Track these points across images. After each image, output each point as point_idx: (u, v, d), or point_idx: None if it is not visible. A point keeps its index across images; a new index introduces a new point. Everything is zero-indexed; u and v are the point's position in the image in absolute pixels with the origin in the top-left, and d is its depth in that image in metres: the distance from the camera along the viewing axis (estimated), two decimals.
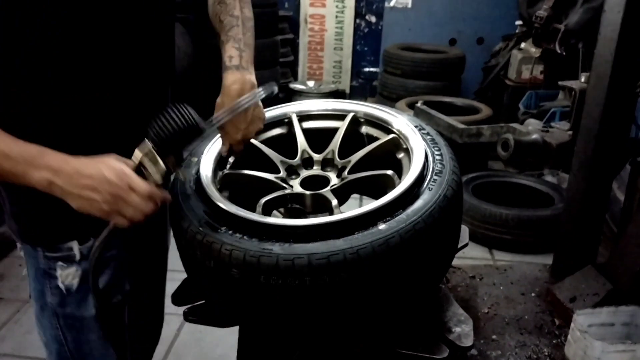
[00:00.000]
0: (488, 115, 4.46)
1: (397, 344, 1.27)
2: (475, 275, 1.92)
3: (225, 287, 1.16)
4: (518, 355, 1.55)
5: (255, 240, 1.10)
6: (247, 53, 1.31)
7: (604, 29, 1.62)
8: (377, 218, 1.11)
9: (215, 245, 1.11)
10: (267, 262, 1.06)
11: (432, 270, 1.28)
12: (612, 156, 1.76)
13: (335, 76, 6.43)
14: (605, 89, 1.65)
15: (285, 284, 1.06)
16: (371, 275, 1.08)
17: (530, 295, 1.82)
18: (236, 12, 1.32)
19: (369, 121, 1.46)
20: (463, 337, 1.32)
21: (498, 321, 1.69)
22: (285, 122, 1.50)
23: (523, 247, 3.52)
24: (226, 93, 1.28)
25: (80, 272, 1.27)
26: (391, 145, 1.38)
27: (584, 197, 1.79)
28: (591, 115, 1.71)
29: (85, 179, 1.02)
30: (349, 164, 1.36)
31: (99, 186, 1.02)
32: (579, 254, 1.85)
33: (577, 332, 1.46)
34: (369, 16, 6.26)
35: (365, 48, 6.37)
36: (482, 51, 5.83)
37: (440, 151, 1.31)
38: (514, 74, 4.98)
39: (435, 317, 1.38)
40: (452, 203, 1.18)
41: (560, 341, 1.61)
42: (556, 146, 1.81)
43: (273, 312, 1.16)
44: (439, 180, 1.20)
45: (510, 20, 5.52)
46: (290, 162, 1.41)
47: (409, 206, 1.14)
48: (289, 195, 1.31)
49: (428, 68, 5.05)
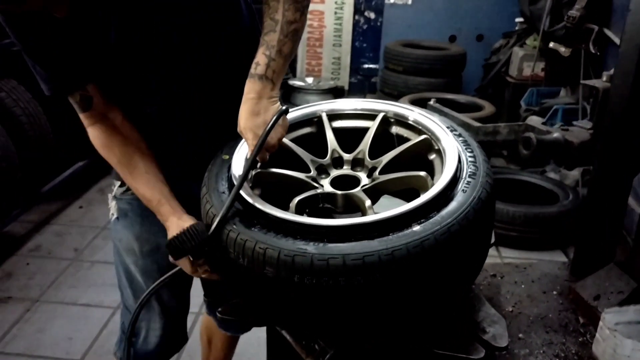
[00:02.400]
0: (491, 112, 4.48)
1: (434, 344, 1.28)
2: (496, 274, 1.92)
3: (258, 285, 1.15)
4: (546, 353, 1.55)
5: (290, 239, 1.09)
6: (276, 62, 1.27)
7: (629, 27, 1.63)
8: (411, 220, 1.11)
9: (249, 243, 1.10)
10: (302, 261, 1.05)
11: (466, 271, 1.28)
12: (634, 154, 1.77)
13: (334, 72, 6.42)
14: (630, 88, 1.65)
15: (319, 283, 1.06)
16: (405, 277, 1.07)
17: (552, 294, 1.83)
18: (277, 16, 1.27)
19: (400, 121, 1.45)
20: (498, 337, 1.33)
21: (523, 320, 1.69)
22: (315, 121, 1.49)
23: (530, 244, 3.55)
24: (243, 102, 1.27)
25: None
26: (423, 146, 1.37)
27: (606, 195, 1.79)
28: (614, 114, 1.71)
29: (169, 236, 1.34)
30: (380, 164, 1.35)
31: None
32: (600, 252, 1.86)
33: (606, 331, 1.46)
34: (368, 12, 6.25)
35: (364, 44, 6.36)
36: (482, 48, 5.86)
37: (473, 153, 1.30)
38: (515, 71, 5.00)
39: (468, 318, 1.38)
40: (486, 205, 1.18)
41: (586, 339, 1.61)
42: (577, 145, 1.81)
43: (306, 312, 1.16)
44: (473, 182, 1.20)
45: (510, 17, 5.55)
46: (320, 161, 1.40)
47: (443, 208, 1.13)
48: (320, 194, 1.30)
49: (430, 65, 5.06)
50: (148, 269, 1.65)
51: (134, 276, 1.69)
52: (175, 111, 1.49)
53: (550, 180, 4.10)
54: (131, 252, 1.66)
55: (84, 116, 1.44)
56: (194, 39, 1.40)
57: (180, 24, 1.37)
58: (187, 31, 1.38)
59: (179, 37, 1.38)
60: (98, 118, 1.45)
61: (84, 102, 1.42)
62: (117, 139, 1.45)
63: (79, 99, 1.41)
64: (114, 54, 1.37)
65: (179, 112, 1.49)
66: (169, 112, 1.49)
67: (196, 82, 1.44)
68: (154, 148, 1.53)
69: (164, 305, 1.71)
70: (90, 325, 2.78)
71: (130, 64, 1.40)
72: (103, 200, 4.10)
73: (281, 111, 1.27)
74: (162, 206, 1.44)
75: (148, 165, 1.48)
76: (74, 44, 1.33)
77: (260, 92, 1.26)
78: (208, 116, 1.28)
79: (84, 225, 3.76)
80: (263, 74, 1.26)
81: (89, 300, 2.98)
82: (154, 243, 1.63)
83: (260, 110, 1.26)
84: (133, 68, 1.41)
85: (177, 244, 1.24)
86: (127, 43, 1.36)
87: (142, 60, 1.40)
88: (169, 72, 1.42)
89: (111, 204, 1.68)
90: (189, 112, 1.49)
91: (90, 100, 1.42)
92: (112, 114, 1.46)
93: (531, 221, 3.53)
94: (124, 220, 1.65)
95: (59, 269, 3.24)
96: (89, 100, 1.42)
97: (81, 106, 1.42)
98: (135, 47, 1.37)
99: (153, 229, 1.59)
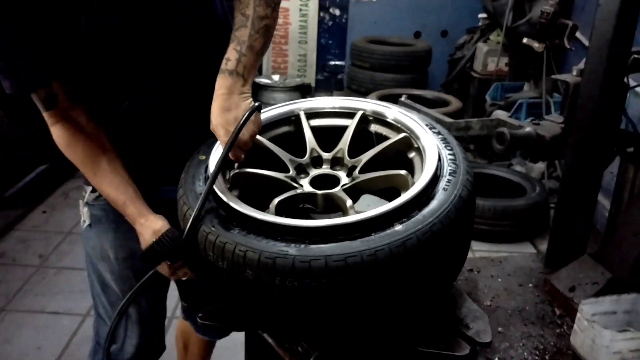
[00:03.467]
0: (458, 107, 4.53)
1: (418, 342, 1.27)
2: (473, 269, 1.93)
3: (238, 289, 1.13)
4: (525, 346, 1.56)
5: (270, 241, 1.08)
6: (247, 58, 1.25)
7: (599, 23, 1.65)
8: (393, 219, 1.10)
9: (228, 246, 1.08)
10: (283, 263, 1.04)
11: (448, 269, 1.28)
12: (605, 147, 1.80)
13: (300, 70, 6.40)
14: (600, 82, 1.68)
15: (301, 286, 1.05)
16: (388, 277, 1.07)
17: (528, 286, 1.85)
18: (248, 12, 1.25)
19: (378, 119, 1.44)
20: (481, 333, 1.34)
21: (501, 313, 1.71)
22: (292, 119, 1.47)
23: (499, 237, 3.61)
24: (214, 98, 1.26)
25: None
26: (402, 145, 1.37)
27: (579, 188, 1.82)
28: (586, 108, 1.74)
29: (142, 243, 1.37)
30: (360, 163, 1.34)
31: None
32: (573, 244, 1.89)
33: (584, 322, 1.48)
34: (333, 9, 6.25)
35: (329, 41, 6.36)
36: (447, 44, 5.92)
37: (452, 151, 1.31)
38: (480, 66, 5.08)
39: (451, 314, 1.38)
40: (467, 203, 1.18)
41: (563, 330, 1.63)
42: (549, 139, 1.83)
43: (288, 314, 1.15)
44: (454, 180, 1.20)
45: (473, 13, 5.63)
46: (299, 160, 1.38)
47: (424, 207, 1.13)
48: (300, 195, 1.28)
49: (396, 61, 5.10)
50: (124, 275, 1.61)
51: (108, 284, 1.64)
52: (176, 111, 1.48)
53: (517, 173, 4.18)
54: (106, 260, 1.62)
55: (48, 114, 1.39)
56: (194, 39, 1.40)
57: (180, 24, 1.36)
58: (187, 31, 1.38)
59: (179, 37, 1.37)
60: (62, 116, 1.40)
61: (49, 100, 1.37)
62: (81, 138, 1.42)
63: (44, 97, 1.36)
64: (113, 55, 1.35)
65: (179, 112, 1.48)
66: (169, 112, 1.48)
67: (196, 81, 1.42)
68: (154, 148, 1.51)
69: (141, 313, 1.68)
70: (59, 333, 2.71)
71: (130, 64, 1.38)
72: (67, 204, 3.99)
73: (254, 107, 1.25)
74: (127, 208, 1.43)
75: (113, 165, 1.45)
76: (50, 39, 1.29)
77: (231, 87, 1.24)
78: (208, 116, 1.25)
79: (49, 230, 3.66)
80: (234, 69, 1.24)
81: (57, 308, 2.90)
82: (129, 249, 1.59)
83: (232, 106, 1.24)
84: (133, 68, 1.39)
85: (151, 256, 1.24)
86: (127, 43, 1.34)
87: (142, 61, 1.38)
88: (169, 72, 1.41)
89: (82, 211, 1.63)
90: (189, 112, 1.47)
91: (55, 98, 1.37)
92: (76, 113, 1.42)
93: (500, 214, 3.59)
94: (97, 227, 1.61)
95: (25, 277, 3.15)
96: (54, 98, 1.37)
97: (45, 104, 1.37)
98: (136, 47, 1.35)
99: (128, 235, 1.55)
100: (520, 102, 4.35)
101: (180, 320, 2.06)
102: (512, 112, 4.27)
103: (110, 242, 1.60)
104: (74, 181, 4.26)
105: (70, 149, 1.42)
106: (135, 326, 1.68)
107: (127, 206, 1.43)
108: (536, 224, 3.74)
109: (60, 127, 1.41)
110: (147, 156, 1.54)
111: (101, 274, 1.64)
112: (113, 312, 1.65)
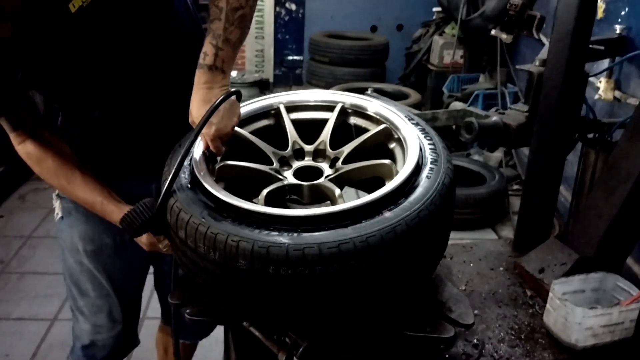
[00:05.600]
0: (417, 100, 4.61)
1: (405, 326, 1.31)
2: (446, 255, 1.99)
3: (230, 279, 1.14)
4: (501, 327, 1.63)
5: (263, 230, 1.09)
6: (224, 52, 1.25)
7: (561, 14, 1.73)
8: (382, 206, 1.13)
9: (220, 236, 1.08)
10: (277, 252, 1.05)
11: (434, 254, 1.32)
12: (567, 134, 1.89)
13: (257, 65, 6.37)
14: (562, 72, 1.76)
15: (294, 274, 1.06)
16: (379, 263, 1.10)
17: (499, 270, 1.92)
18: (221, 4, 1.22)
19: (357, 112, 1.47)
20: (464, 315, 1.38)
21: (476, 297, 1.77)
22: (273, 113, 1.48)
23: (462, 225, 3.70)
24: (195, 91, 1.26)
25: None
26: (383, 136, 1.39)
27: (544, 173, 1.90)
28: (549, 97, 1.81)
29: None
30: (342, 154, 1.37)
31: None
32: (540, 228, 1.97)
33: (556, 301, 1.55)
34: (289, 4, 6.24)
35: (287, 36, 6.35)
36: (403, 37, 6.01)
37: (432, 140, 1.35)
38: (436, 59, 5.17)
39: (433, 298, 1.42)
40: (449, 190, 1.22)
41: (535, 310, 1.71)
42: (515, 127, 1.91)
43: (281, 303, 1.16)
44: (436, 168, 1.24)
45: (427, 6, 5.72)
46: (282, 153, 1.39)
47: (410, 194, 1.16)
48: (287, 186, 1.30)
49: (355, 55, 5.14)
50: (92, 269, 1.63)
51: (78, 277, 1.64)
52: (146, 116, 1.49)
53: (476, 162, 4.29)
54: (75, 251, 1.63)
55: (15, 135, 1.44)
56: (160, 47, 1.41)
57: (143, 35, 1.38)
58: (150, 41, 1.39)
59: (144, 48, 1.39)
60: (28, 135, 1.44)
61: (16, 122, 1.42)
62: (50, 151, 1.46)
63: (13, 120, 1.41)
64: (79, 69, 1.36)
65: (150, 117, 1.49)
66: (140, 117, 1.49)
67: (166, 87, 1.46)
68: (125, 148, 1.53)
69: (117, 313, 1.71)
70: (26, 340, 2.63)
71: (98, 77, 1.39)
72: (25, 207, 3.88)
73: (229, 92, 1.25)
74: (106, 206, 1.46)
75: (84, 172, 1.48)
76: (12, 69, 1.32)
77: (211, 81, 1.25)
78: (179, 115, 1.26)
79: (7, 235, 3.54)
80: (212, 64, 1.24)
81: (23, 314, 2.82)
82: (99, 242, 1.61)
83: (212, 99, 1.24)
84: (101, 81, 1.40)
85: (129, 220, 1.22)
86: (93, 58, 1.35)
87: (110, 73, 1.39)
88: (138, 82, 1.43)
89: (55, 204, 1.64)
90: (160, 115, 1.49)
91: (22, 120, 1.42)
92: (39, 130, 1.46)
93: (462, 203, 3.68)
94: (68, 219, 1.63)
95: None
96: (21, 119, 1.42)
97: (12, 125, 1.42)
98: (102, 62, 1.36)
99: (98, 228, 1.58)
100: (477, 93, 4.46)
101: (160, 325, 2.05)
102: (469, 103, 4.38)
103: (79, 234, 1.61)
104: (30, 184, 4.13)
105: (41, 164, 1.46)
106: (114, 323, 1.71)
107: (106, 204, 1.46)
108: (496, 211, 3.86)
109: (28, 144, 1.44)
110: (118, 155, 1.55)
111: (72, 266, 1.65)
112: (84, 305, 1.66)
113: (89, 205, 1.49)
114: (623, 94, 2.97)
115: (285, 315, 1.22)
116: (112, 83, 1.41)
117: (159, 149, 1.35)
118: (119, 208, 1.44)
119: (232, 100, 1.27)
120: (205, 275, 1.18)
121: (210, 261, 1.11)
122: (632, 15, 2.98)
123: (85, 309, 1.67)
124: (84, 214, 1.58)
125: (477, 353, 1.51)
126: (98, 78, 1.39)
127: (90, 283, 1.65)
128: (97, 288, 1.65)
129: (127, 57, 1.38)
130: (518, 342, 1.57)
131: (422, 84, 5.33)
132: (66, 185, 1.48)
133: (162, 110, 1.47)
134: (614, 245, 1.73)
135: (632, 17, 2.97)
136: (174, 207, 1.19)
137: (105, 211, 1.47)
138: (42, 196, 3.93)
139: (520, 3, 2.04)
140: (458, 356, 1.50)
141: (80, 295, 1.67)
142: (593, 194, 1.79)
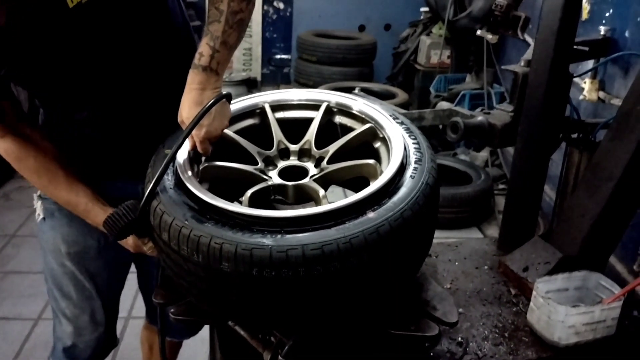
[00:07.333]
0: (404, 99, 4.63)
1: (389, 325, 1.31)
2: (431, 254, 2.00)
3: (214, 281, 1.13)
4: (485, 325, 1.64)
5: (246, 232, 1.09)
6: (220, 54, 1.25)
7: (546, 15, 1.74)
8: (366, 207, 1.13)
9: (203, 239, 1.08)
10: (260, 254, 1.05)
11: (418, 254, 1.33)
12: (552, 134, 1.90)
13: (245, 64, 6.35)
14: (547, 72, 1.77)
15: (278, 276, 1.06)
16: (362, 263, 1.10)
17: (484, 269, 1.93)
18: (222, 6, 1.24)
19: (343, 111, 1.47)
20: (448, 313, 1.39)
21: (461, 295, 1.78)
22: (257, 112, 1.48)
23: (448, 224, 3.72)
24: (186, 92, 1.26)
25: None
26: (368, 135, 1.40)
27: (529, 173, 1.92)
28: (534, 97, 1.82)
29: None
30: (327, 154, 1.37)
31: None
32: (524, 227, 1.98)
33: (539, 299, 1.56)
34: (277, 3, 6.24)
35: (274, 35, 6.35)
36: (390, 37, 6.02)
37: (416, 139, 1.35)
38: (424, 59, 5.19)
39: (417, 297, 1.43)
40: (433, 190, 1.23)
41: (519, 309, 1.72)
42: (501, 127, 1.92)
43: (265, 305, 1.16)
44: (420, 168, 1.24)
45: (415, 6, 5.74)
46: (266, 153, 1.39)
47: (394, 194, 1.17)
48: (272, 186, 1.30)
49: (343, 54, 5.15)
50: (75, 271, 1.61)
51: (60, 279, 1.62)
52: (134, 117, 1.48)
53: (462, 162, 4.31)
54: (57, 253, 1.61)
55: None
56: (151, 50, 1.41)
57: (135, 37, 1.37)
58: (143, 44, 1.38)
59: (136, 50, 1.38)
60: (9, 130, 1.41)
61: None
62: (31, 148, 1.43)
63: None
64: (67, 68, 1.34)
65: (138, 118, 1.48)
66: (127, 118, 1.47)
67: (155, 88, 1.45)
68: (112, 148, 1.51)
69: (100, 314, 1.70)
70: (10, 340, 2.61)
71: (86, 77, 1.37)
72: (8, 206, 3.84)
73: (220, 95, 1.25)
74: (90, 208, 1.44)
75: (67, 171, 1.45)
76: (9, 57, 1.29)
77: (204, 83, 1.25)
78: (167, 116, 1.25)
79: None
80: (207, 65, 1.24)
81: (6, 314, 2.79)
82: (83, 245, 1.60)
83: (204, 100, 1.24)
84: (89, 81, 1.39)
85: (111, 222, 1.22)
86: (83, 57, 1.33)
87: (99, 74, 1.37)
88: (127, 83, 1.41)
89: (37, 204, 1.62)
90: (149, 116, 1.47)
91: (2, 114, 1.38)
92: (21, 125, 1.43)
93: (448, 202, 3.70)
94: (50, 221, 1.60)
95: None
96: (1, 114, 1.38)
97: None
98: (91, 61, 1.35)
99: (82, 230, 1.57)
100: (463, 93, 4.49)
101: (144, 324, 2.04)
102: (456, 103, 4.40)
103: (62, 236, 1.59)
104: (14, 182, 4.09)
105: (22, 162, 1.43)
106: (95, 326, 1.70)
107: (91, 207, 1.45)
108: (482, 210, 3.88)
109: (8, 140, 1.41)
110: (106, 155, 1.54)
111: (54, 268, 1.63)
112: (67, 307, 1.65)
113: (71, 206, 1.48)
114: (607, 94, 3.00)
115: (270, 316, 1.22)
116: (102, 82, 1.39)
117: (148, 149, 1.34)
118: (103, 210, 1.42)
119: (223, 102, 1.28)
120: (189, 277, 1.18)
121: (194, 263, 1.11)
122: (617, 17, 3.01)
123: (67, 310, 1.66)
124: (67, 216, 1.56)
125: (461, 351, 1.52)
126: (88, 76, 1.37)
127: (72, 285, 1.63)
128: (79, 290, 1.64)
129: (120, 55, 1.37)
130: (502, 340, 1.58)
131: (409, 83, 5.35)
132: (48, 185, 1.46)
133: (151, 110, 1.46)
134: (597, 244, 1.74)
135: (616, 19, 3.01)
136: (157, 209, 1.18)
137: (89, 213, 1.45)
138: (26, 194, 3.89)
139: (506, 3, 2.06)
140: (442, 354, 1.51)
141: (63, 297, 1.65)
142: (577, 193, 1.80)
